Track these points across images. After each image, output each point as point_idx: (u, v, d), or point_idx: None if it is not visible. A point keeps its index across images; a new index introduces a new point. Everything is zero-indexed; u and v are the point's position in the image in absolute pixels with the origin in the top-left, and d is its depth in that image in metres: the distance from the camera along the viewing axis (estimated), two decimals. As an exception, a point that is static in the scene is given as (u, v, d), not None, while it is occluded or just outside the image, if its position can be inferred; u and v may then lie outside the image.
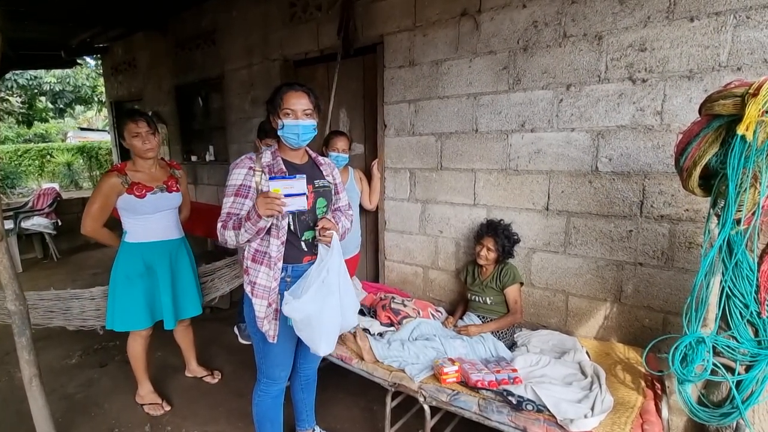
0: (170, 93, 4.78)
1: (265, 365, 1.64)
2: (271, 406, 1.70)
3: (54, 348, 2.92)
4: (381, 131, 2.78)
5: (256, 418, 1.72)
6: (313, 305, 1.41)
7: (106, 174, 1.97)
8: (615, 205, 1.97)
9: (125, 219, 2.01)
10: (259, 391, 1.69)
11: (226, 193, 1.50)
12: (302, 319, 1.42)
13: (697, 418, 1.32)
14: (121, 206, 1.97)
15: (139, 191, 1.95)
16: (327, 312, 1.44)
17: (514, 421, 1.50)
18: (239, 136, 4.00)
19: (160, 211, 2.05)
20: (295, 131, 1.49)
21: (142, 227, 2.02)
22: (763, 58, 1.59)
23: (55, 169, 12.65)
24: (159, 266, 2.06)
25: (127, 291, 2.01)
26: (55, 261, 5.19)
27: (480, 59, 2.28)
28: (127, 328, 2.05)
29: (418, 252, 2.74)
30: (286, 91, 1.50)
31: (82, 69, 12.84)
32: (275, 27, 3.40)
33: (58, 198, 5.41)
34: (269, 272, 1.49)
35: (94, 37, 5.08)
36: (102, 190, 1.93)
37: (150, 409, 2.19)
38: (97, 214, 1.93)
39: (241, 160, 1.51)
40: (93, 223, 1.94)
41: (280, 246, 1.49)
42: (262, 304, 1.51)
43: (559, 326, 2.21)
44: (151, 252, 2.04)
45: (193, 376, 2.52)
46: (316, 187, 1.59)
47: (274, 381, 1.66)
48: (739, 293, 1.21)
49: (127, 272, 2.00)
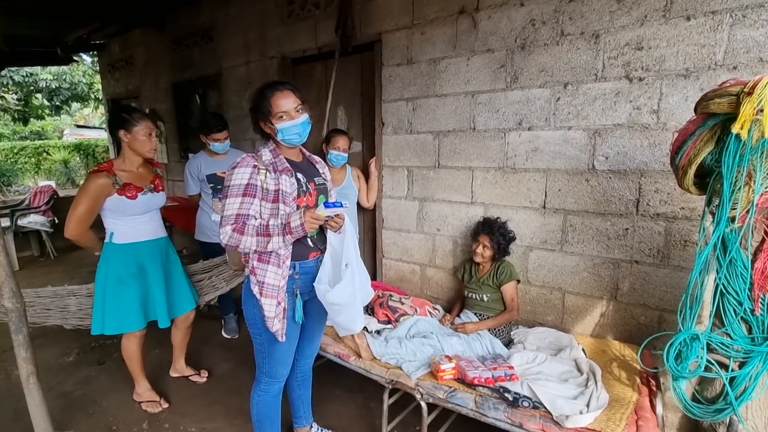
0: (167, 90, 4.76)
1: (268, 364, 1.62)
2: (272, 405, 1.69)
3: (51, 346, 2.91)
4: (379, 129, 2.78)
5: (256, 417, 1.71)
6: (350, 288, 1.48)
7: (93, 174, 1.86)
8: (611, 203, 1.98)
9: (111, 220, 1.93)
10: (259, 390, 1.67)
11: (230, 193, 1.43)
12: (345, 303, 1.49)
13: (691, 414, 1.34)
14: (108, 207, 1.89)
15: (130, 192, 1.88)
16: (358, 292, 1.53)
17: (511, 417, 1.51)
18: (237, 134, 3.98)
19: (149, 212, 2.01)
20: (296, 131, 1.48)
21: (131, 228, 1.96)
22: (759, 56, 1.60)
23: (52, 166, 12.60)
24: (151, 265, 2.02)
25: (120, 293, 1.95)
26: (52, 259, 5.18)
27: (478, 57, 2.29)
28: (119, 330, 2.00)
29: (416, 250, 2.75)
30: (272, 94, 1.47)
31: (78, 66, 12.77)
32: (273, 24, 3.39)
33: (55, 196, 5.39)
34: (278, 270, 1.46)
35: (91, 33, 5.04)
36: (89, 191, 1.82)
37: (148, 407, 2.19)
38: (84, 217, 1.84)
39: (243, 159, 1.47)
40: (79, 226, 1.84)
41: (289, 245, 1.48)
42: (271, 303, 1.48)
43: (556, 324, 2.22)
44: (143, 252, 2.00)
45: (179, 375, 2.47)
46: (318, 185, 1.59)
47: (276, 380, 1.65)
48: (733, 291, 1.22)
49: (119, 274, 1.94)
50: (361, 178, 2.77)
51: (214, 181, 2.74)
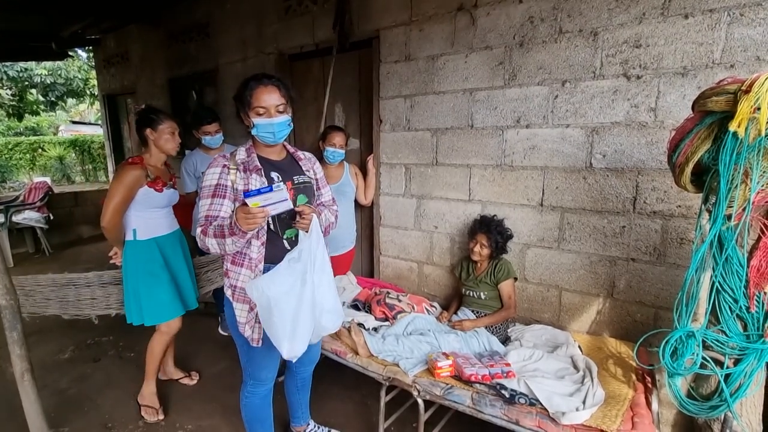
0: (164, 86, 4.73)
1: (250, 367, 1.59)
2: (260, 406, 1.66)
3: (46, 343, 2.90)
4: (376, 126, 2.77)
5: (246, 418, 1.69)
6: (274, 288, 1.26)
7: (129, 166, 1.94)
8: (608, 201, 1.99)
9: (135, 213, 1.99)
10: (246, 392, 1.64)
11: (202, 195, 1.42)
12: (260, 302, 1.28)
13: (686, 410, 1.34)
14: (137, 199, 1.97)
15: (158, 186, 2.00)
16: (292, 302, 1.29)
17: (507, 414, 1.51)
18: (234, 131, 3.95)
19: (168, 206, 2.13)
20: (270, 130, 1.41)
21: (153, 221, 2.05)
22: (756, 55, 1.60)
23: (47, 162, 12.49)
24: (174, 256, 2.13)
25: (155, 286, 2.02)
26: (47, 255, 5.14)
27: (476, 54, 2.28)
28: (161, 320, 2.06)
29: (413, 247, 2.75)
30: (255, 86, 1.40)
31: (73, 61, 12.63)
32: (270, 20, 3.37)
33: (50, 192, 5.34)
34: (250, 274, 1.42)
35: (86, 28, 4.99)
36: (125, 181, 1.90)
37: (146, 413, 2.13)
38: (120, 207, 1.91)
39: (215, 159, 1.44)
40: (115, 216, 1.90)
41: (261, 247, 1.43)
42: (243, 308, 1.44)
43: (552, 321, 2.23)
44: (165, 244, 2.10)
45: (168, 378, 2.42)
46: (296, 183, 1.50)
47: (260, 382, 1.62)
48: (729, 288, 1.23)
49: (150, 268, 2.02)
50: (358, 176, 2.76)
51: None
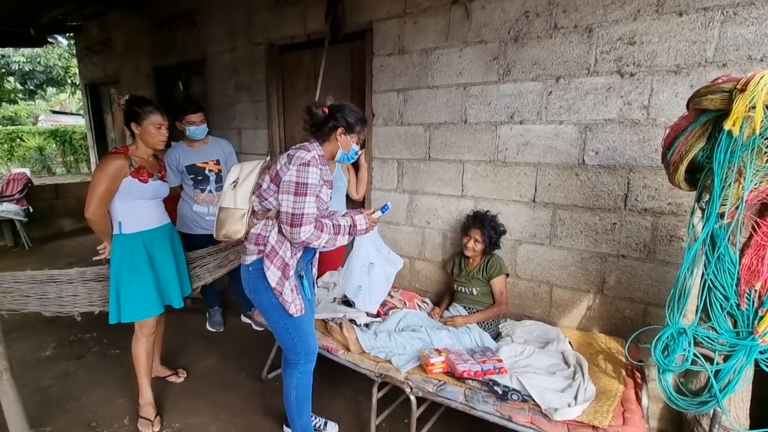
0: (149, 76, 4.59)
1: (300, 342, 1.68)
2: (309, 383, 1.76)
3: (26, 340, 2.81)
4: (369, 120, 2.74)
5: (297, 401, 1.74)
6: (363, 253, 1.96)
7: (112, 156, 1.89)
8: (600, 197, 2.00)
9: (120, 205, 1.93)
10: (299, 372, 1.71)
11: (308, 192, 1.48)
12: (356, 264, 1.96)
13: (675, 406, 1.36)
14: (120, 189, 1.91)
15: (143, 176, 1.94)
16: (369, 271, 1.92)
17: (500, 410, 1.51)
18: (222, 122, 3.88)
19: (155, 198, 2.05)
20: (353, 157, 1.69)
21: (139, 213, 1.98)
22: (748, 54, 1.61)
23: (26, 153, 12.07)
24: (161, 251, 2.06)
25: (135, 281, 1.96)
26: (27, 249, 4.98)
27: (470, 49, 2.26)
28: (137, 317, 1.98)
29: (405, 243, 2.73)
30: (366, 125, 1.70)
31: (53, 48, 12.22)
32: (260, 9, 3.28)
33: (30, 184, 5.17)
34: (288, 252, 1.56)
35: (67, 14, 4.81)
36: (108, 171, 1.85)
37: (140, 425, 2.02)
38: (104, 197, 1.86)
39: (314, 158, 1.50)
40: (100, 206, 1.85)
41: None
42: (290, 283, 1.57)
43: (543, 317, 2.24)
44: (152, 238, 2.03)
45: (155, 376, 2.33)
46: None
47: (313, 352, 1.73)
48: (720, 286, 1.24)
49: (134, 263, 1.95)
50: (350, 170, 2.73)
51: (194, 172, 2.65)
